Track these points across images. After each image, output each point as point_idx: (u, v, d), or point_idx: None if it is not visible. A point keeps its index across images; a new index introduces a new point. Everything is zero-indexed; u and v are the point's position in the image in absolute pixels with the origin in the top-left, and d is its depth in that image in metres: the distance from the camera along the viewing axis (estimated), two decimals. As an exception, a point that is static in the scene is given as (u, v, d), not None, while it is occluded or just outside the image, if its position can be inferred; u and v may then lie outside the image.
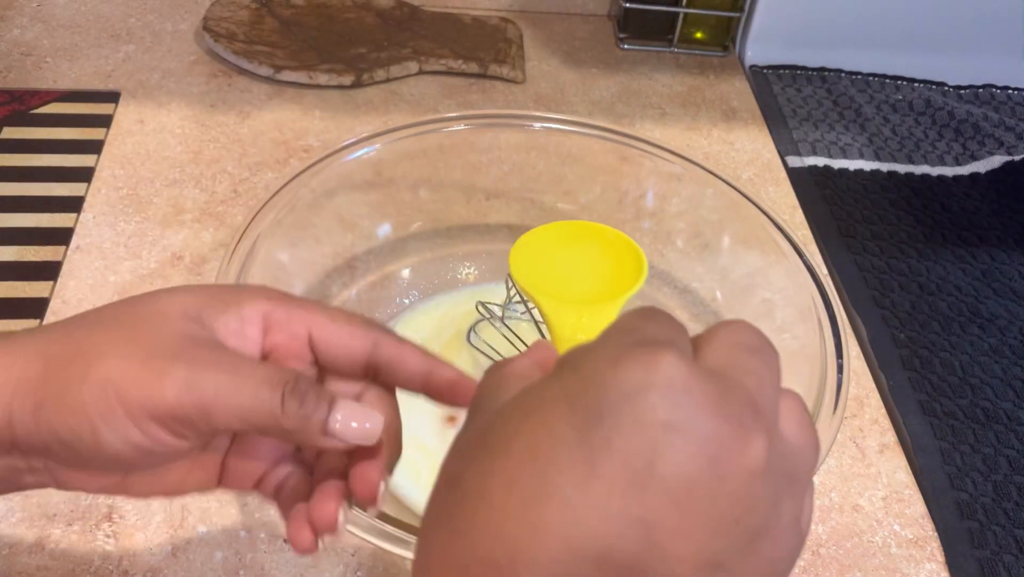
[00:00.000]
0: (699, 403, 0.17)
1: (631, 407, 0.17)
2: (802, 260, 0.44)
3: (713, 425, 0.17)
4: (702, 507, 0.17)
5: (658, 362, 0.18)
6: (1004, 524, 0.44)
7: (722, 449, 0.17)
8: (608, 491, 0.17)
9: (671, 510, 0.17)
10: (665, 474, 0.17)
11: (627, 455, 0.17)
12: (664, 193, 0.51)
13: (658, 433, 0.17)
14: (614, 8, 0.80)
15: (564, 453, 0.17)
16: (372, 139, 0.48)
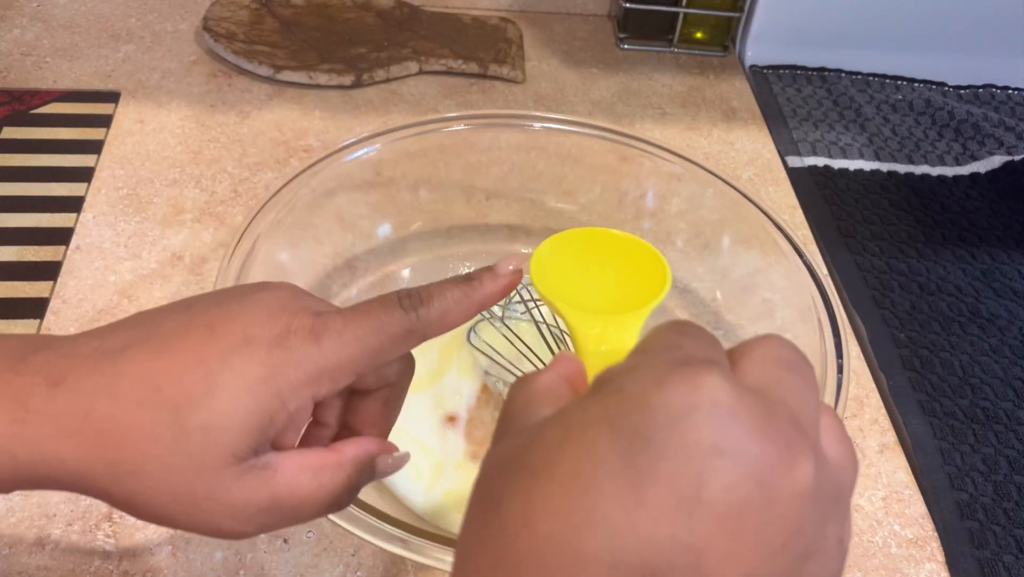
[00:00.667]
0: (745, 425, 0.17)
1: (677, 431, 0.17)
2: (802, 260, 0.44)
3: (760, 448, 0.17)
4: (751, 532, 0.16)
5: (703, 383, 0.17)
6: (1004, 524, 0.44)
7: (770, 472, 0.17)
8: (655, 518, 0.16)
9: (720, 536, 0.16)
10: (713, 499, 0.16)
11: (674, 480, 0.16)
12: (664, 193, 0.51)
13: (705, 457, 0.17)
14: (614, 8, 0.80)
15: (609, 479, 0.17)
16: (372, 139, 0.48)
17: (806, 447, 0.17)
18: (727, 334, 0.48)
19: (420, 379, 0.46)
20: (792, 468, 0.17)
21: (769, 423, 0.17)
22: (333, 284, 0.48)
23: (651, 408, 0.17)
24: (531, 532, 0.17)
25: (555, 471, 0.17)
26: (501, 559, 0.17)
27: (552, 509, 0.17)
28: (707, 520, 0.16)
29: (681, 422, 0.17)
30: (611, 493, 0.17)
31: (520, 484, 0.18)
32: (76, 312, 0.49)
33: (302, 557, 0.40)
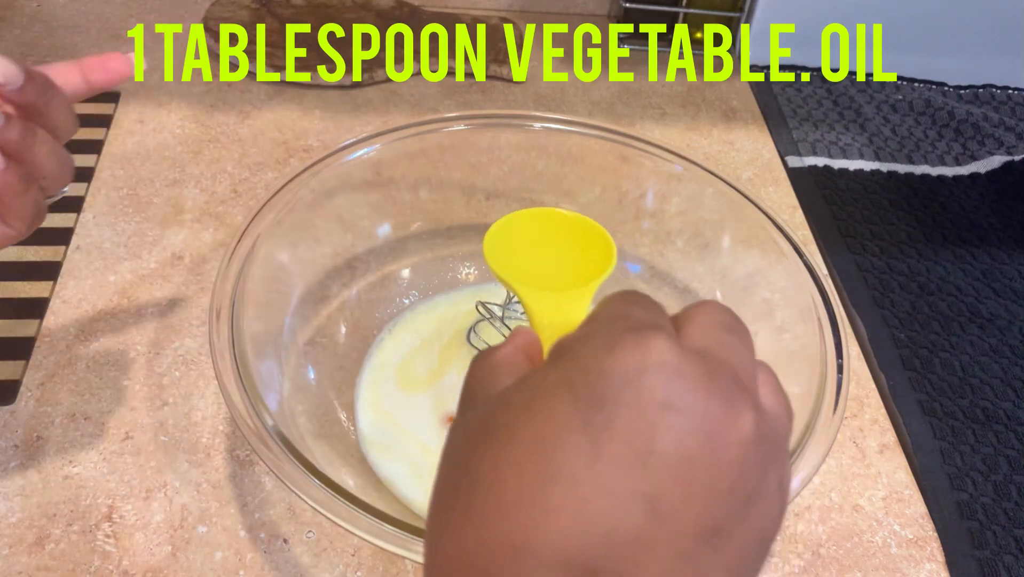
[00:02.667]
0: (691, 383, 0.19)
1: (630, 390, 0.18)
2: (802, 260, 0.44)
3: (705, 402, 0.18)
4: (700, 479, 0.18)
5: (651, 347, 0.19)
6: (1004, 524, 0.44)
7: (715, 424, 0.18)
8: (614, 469, 0.18)
9: (673, 484, 0.18)
10: (665, 451, 0.18)
11: (629, 435, 0.18)
12: (664, 193, 0.51)
13: (656, 413, 0.18)
14: (614, 8, 0.80)
15: (569, 437, 0.18)
16: (372, 139, 0.48)
17: (746, 400, 0.19)
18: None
19: (420, 379, 0.46)
20: (735, 420, 0.19)
21: (712, 380, 0.19)
22: (333, 284, 0.48)
23: (605, 371, 0.19)
24: (500, 490, 0.18)
25: (520, 434, 0.19)
26: (472, 517, 0.19)
27: (519, 468, 0.18)
28: (660, 469, 0.18)
29: (633, 382, 0.18)
30: (572, 450, 0.18)
31: (487, 449, 0.19)
32: (76, 312, 0.49)
33: (302, 557, 0.40)
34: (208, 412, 0.45)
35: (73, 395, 0.45)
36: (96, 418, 0.44)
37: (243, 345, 0.38)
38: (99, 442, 0.43)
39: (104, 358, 0.47)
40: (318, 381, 0.44)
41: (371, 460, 0.42)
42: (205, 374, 0.46)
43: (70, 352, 0.47)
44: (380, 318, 0.49)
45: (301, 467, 0.33)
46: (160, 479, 0.42)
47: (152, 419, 0.44)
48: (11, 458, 0.42)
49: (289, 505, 0.41)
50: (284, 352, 0.43)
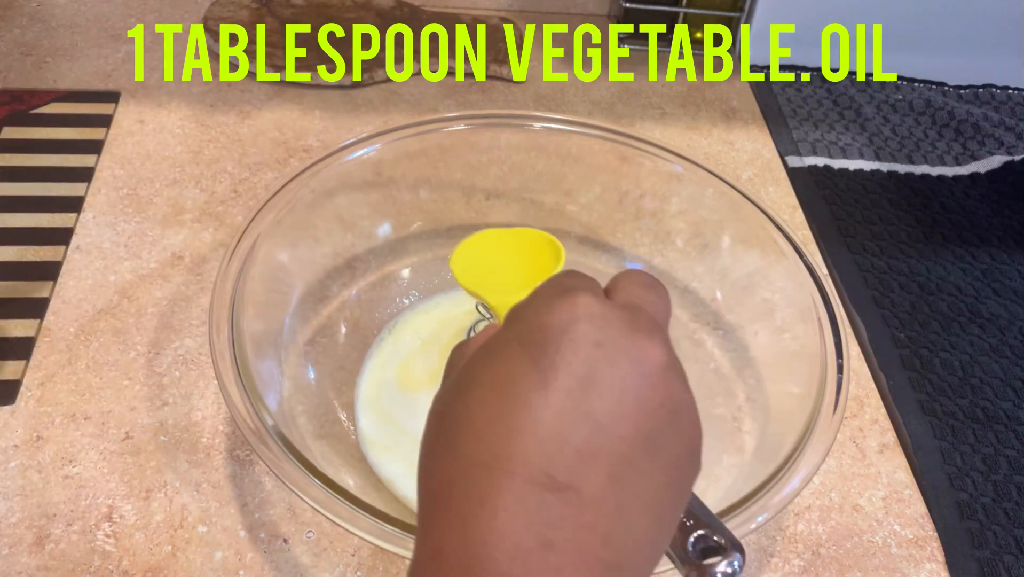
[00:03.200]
0: (615, 325, 0.23)
1: (566, 337, 0.23)
2: (802, 260, 0.44)
3: (629, 339, 0.23)
4: (632, 398, 0.22)
5: (579, 302, 0.24)
6: (1004, 524, 0.44)
7: (638, 354, 0.23)
8: (561, 397, 0.22)
9: (611, 403, 0.22)
10: (602, 378, 0.22)
11: (571, 369, 0.22)
12: (664, 193, 0.51)
13: (590, 350, 0.23)
14: (614, 8, 0.80)
15: (523, 377, 0.22)
16: (372, 139, 0.48)
17: (661, 336, 0.24)
18: (727, 334, 0.48)
19: (420, 379, 0.46)
20: (653, 350, 0.23)
21: (632, 322, 0.24)
22: (333, 284, 0.48)
23: (545, 325, 0.23)
24: (472, 424, 0.23)
25: (484, 381, 0.23)
26: (452, 448, 0.23)
27: (485, 405, 0.23)
28: (599, 393, 0.22)
29: (568, 331, 0.23)
30: (526, 385, 0.22)
31: (460, 397, 0.24)
32: (76, 312, 0.49)
33: (302, 557, 0.40)
34: (208, 412, 0.45)
35: (73, 395, 0.45)
36: (96, 418, 0.44)
37: (243, 345, 0.38)
38: (99, 442, 0.43)
39: (104, 358, 0.47)
40: (318, 381, 0.44)
41: (371, 460, 0.42)
42: (205, 374, 0.46)
43: (70, 352, 0.47)
44: (380, 318, 0.49)
45: (301, 467, 0.33)
46: (160, 479, 0.42)
47: (152, 419, 0.44)
48: (11, 458, 0.42)
49: (289, 505, 0.41)
50: (284, 352, 0.43)
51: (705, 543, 0.26)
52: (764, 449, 0.40)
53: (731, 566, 0.25)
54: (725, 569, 0.25)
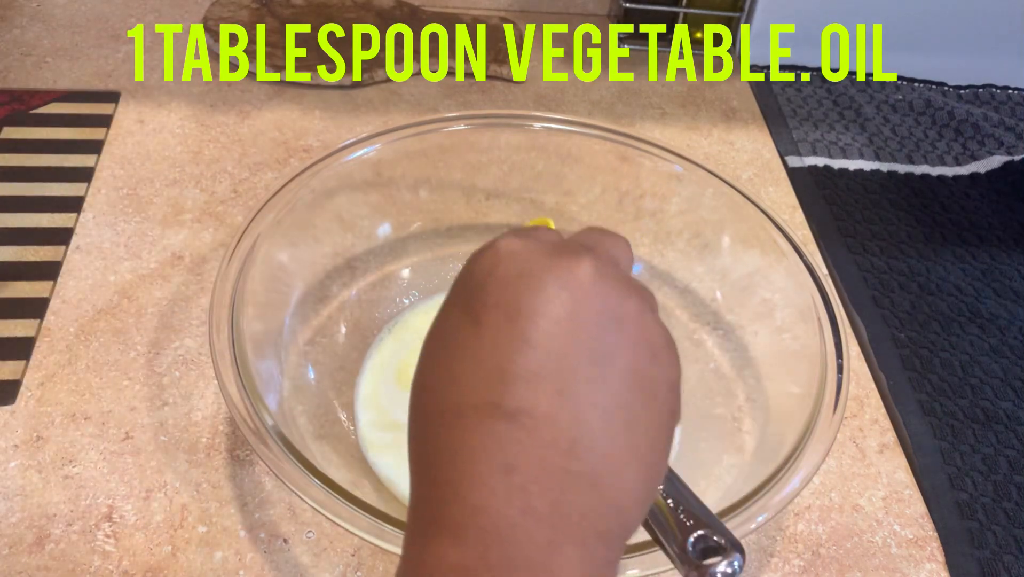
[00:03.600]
0: (538, 255, 0.24)
1: (491, 278, 0.24)
2: (802, 260, 0.44)
3: (552, 262, 0.24)
4: (564, 314, 0.23)
5: (499, 246, 0.25)
6: (1004, 524, 0.44)
7: (564, 273, 0.23)
8: (494, 333, 0.23)
9: (543, 325, 0.23)
10: (530, 305, 0.23)
11: (499, 306, 0.23)
12: (664, 193, 0.51)
13: (515, 283, 0.23)
14: (614, 8, 0.80)
15: (459, 329, 0.24)
16: (372, 139, 0.48)
17: (584, 253, 0.24)
18: (727, 334, 0.48)
19: (420, 379, 0.46)
20: (578, 267, 0.24)
21: (556, 249, 0.24)
22: (333, 284, 0.48)
23: (472, 273, 0.25)
24: (426, 385, 0.24)
25: (431, 347, 0.25)
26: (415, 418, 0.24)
27: (435, 364, 0.25)
28: (531, 317, 0.23)
29: (492, 273, 0.24)
30: (463, 335, 0.24)
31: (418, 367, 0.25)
32: (76, 312, 0.49)
33: (302, 557, 0.40)
34: (208, 412, 0.45)
35: (73, 395, 0.45)
36: (96, 418, 0.44)
37: (243, 345, 0.38)
38: (99, 442, 0.43)
39: (104, 358, 0.47)
40: (318, 381, 0.44)
41: (371, 460, 0.42)
42: (205, 374, 0.46)
43: (70, 352, 0.47)
44: (380, 318, 0.49)
45: (301, 467, 0.33)
46: (160, 479, 0.42)
47: (152, 419, 0.44)
48: (11, 458, 0.42)
49: (289, 505, 0.41)
50: (284, 352, 0.43)
51: (705, 543, 0.26)
52: (764, 449, 0.40)
53: (731, 566, 0.25)
54: (725, 569, 0.25)
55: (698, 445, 0.44)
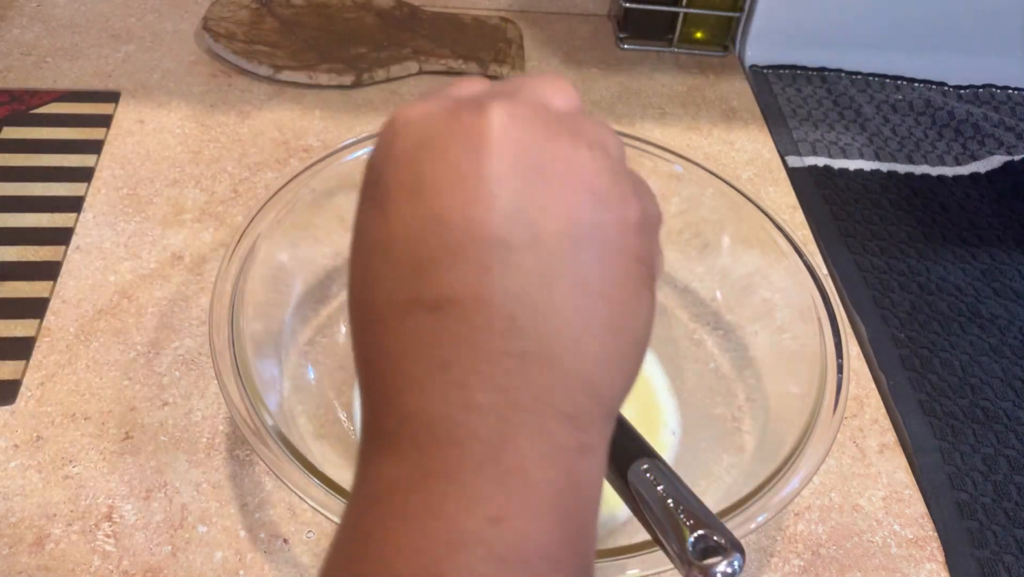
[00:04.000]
0: (438, 118, 0.21)
1: (390, 158, 0.21)
2: (802, 260, 0.44)
3: (452, 122, 0.21)
4: (473, 176, 0.20)
5: (395, 119, 0.22)
6: (1004, 524, 0.44)
7: (466, 131, 0.21)
8: (399, 218, 0.21)
9: (450, 195, 0.20)
10: (432, 176, 0.20)
11: (401, 186, 0.21)
12: (664, 193, 0.51)
13: (414, 156, 0.21)
14: (614, 8, 0.80)
15: (368, 221, 0.22)
16: (372, 139, 0.48)
17: (503, 104, 0.21)
18: (727, 334, 0.48)
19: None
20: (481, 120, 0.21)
21: (459, 107, 0.21)
22: (333, 284, 0.48)
23: (374, 161, 0.22)
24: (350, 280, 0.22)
25: (352, 234, 0.23)
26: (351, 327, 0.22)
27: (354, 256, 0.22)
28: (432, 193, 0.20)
29: (390, 151, 0.22)
30: (372, 227, 0.21)
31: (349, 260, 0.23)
32: (76, 312, 0.49)
33: (302, 557, 0.40)
34: (208, 412, 0.45)
35: (73, 395, 0.45)
36: (96, 418, 0.44)
37: (243, 345, 0.38)
38: (99, 442, 0.43)
39: (104, 358, 0.47)
40: (318, 381, 0.44)
41: (371, 460, 0.42)
42: (205, 374, 0.46)
43: (70, 352, 0.47)
44: (380, 318, 0.49)
45: (301, 467, 0.33)
46: (160, 479, 0.42)
47: (152, 419, 0.44)
48: (11, 458, 0.42)
49: (289, 505, 0.41)
50: (284, 352, 0.43)
51: (705, 543, 0.26)
52: (764, 449, 0.40)
53: (731, 566, 0.25)
54: (725, 569, 0.25)
55: (698, 445, 0.44)
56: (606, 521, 0.41)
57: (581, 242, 0.20)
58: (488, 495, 0.18)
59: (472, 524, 0.17)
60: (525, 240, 0.20)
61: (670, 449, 0.44)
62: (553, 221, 0.20)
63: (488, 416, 0.18)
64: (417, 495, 0.18)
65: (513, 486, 0.18)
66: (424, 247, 0.20)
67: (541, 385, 0.19)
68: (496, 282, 0.19)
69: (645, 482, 0.30)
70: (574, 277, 0.20)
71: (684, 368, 0.48)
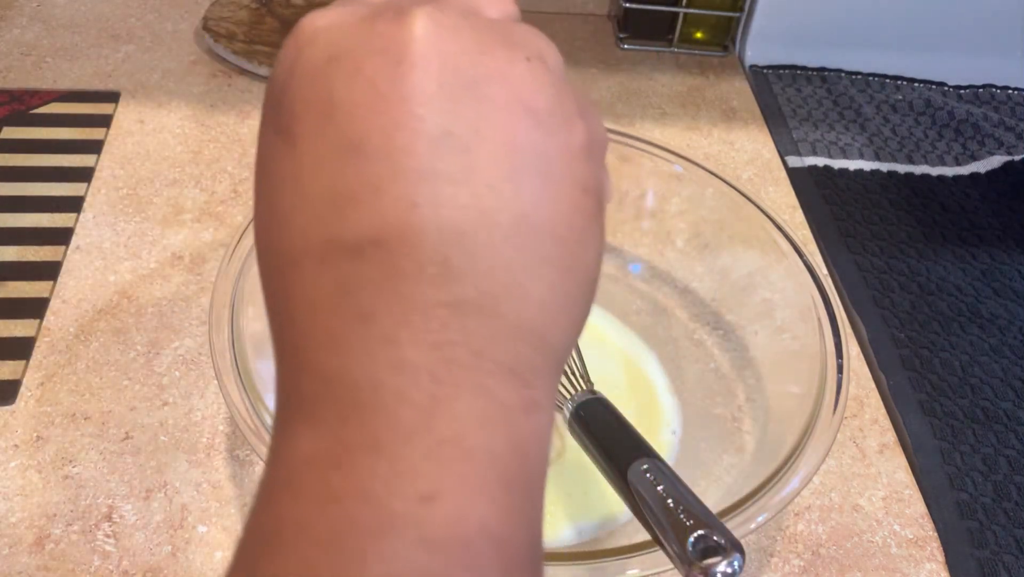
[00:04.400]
0: (353, 28, 0.18)
1: (294, 76, 0.19)
2: (802, 260, 0.44)
3: (369, 33, 0.18)
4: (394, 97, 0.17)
5: (301, 29, 0.19)
6: (1004, 524, 0.44)
7: (384, 43, 0.18)
8: (311, 145, 0.18)
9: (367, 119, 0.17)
10: (345, 96, 0.18)
11: (309, 109, 0.18)
12: (664, 193, 0.51)
13: (324, 71, 0.18)
14: (614, 8, 0.80)
15: (273, 152, 0.19)
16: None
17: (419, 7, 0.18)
18: (727, 334, 0.48)
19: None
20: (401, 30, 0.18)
21: (374, 12, 0.19)
22: (333, 284, 0.48)
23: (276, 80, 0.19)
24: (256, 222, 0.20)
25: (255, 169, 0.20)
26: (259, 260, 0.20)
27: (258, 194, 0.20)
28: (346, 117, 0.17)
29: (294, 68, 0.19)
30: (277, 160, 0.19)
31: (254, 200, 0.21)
32: (76, 312, 0.49)
33: (302, 557, 0.39)
34: (208, 412, 0.45)
35: (73, 395, 0.45)
36: (96, 418, 0.44)
37: (243, 345, 0.38)
38: (99, 442, 0.43)
39: (104, 358, 0.47)
40: (318, 381, 0.44)
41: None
42: (205, 374, 0.46)
43: (70, 352, 0.47)
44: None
45: (301, 467, 0.33)
46: (160, 479, 0.42)
47: (152, 419, 0.44)
48: (11, 458, 0.42)
49: (289, 505, 0.41)
50: (284, 352, 0.43)
51: (705, 543, 0.26)
52: (764, 449, 0.40)
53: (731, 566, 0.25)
54: (725, 569, 0.25)
55: (698, 445, 0.44)
56: (606, 521, 0.41)
57: (521, 171, 0.18)
58: (420, 470, 0.15)
59: (401, 505, 0.15)
60: (457, 170, 0.17)
61: (670, 449, 0.44)
62: (489, 147, 0.18)
63: (419, 376, 0.16)
64: (338, 473, 0.16)
65: (448, 457, 0.16)
66: (340, 181, 0.17)
67: (480, 338, 0.17)
68: (425, 220, 0.17)
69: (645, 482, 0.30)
70: (514, 211, 0.18)
71: (684, 368, 0.48)
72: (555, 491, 0.41)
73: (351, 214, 0.17)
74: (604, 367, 0.46)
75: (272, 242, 0.19)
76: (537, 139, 0.18)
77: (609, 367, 0.47)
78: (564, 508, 0.41)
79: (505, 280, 0.17)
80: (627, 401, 0.45)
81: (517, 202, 0.18)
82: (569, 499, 0.41)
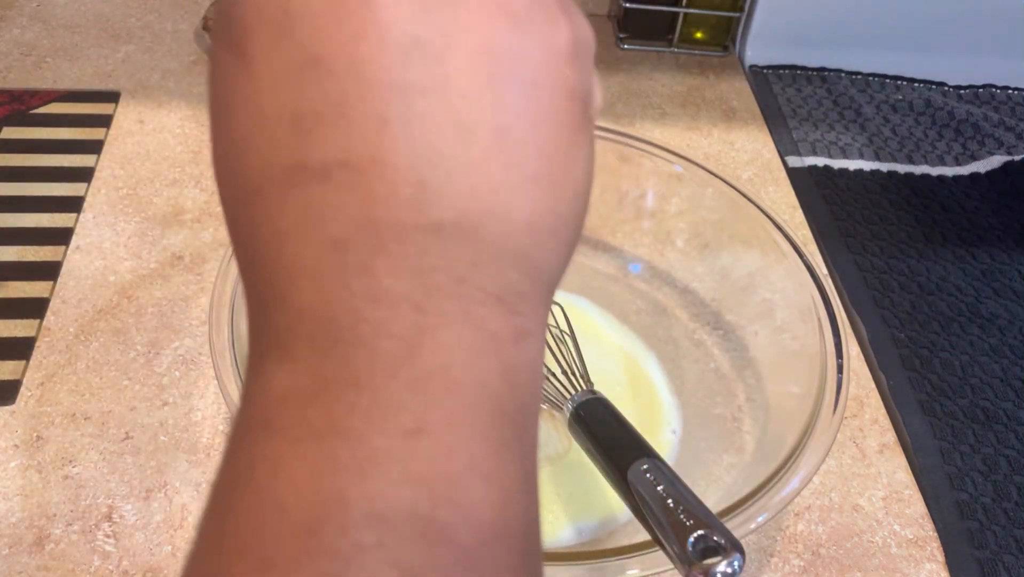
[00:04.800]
0: None
1: None
2: (802, 260, 0.44)
3: None
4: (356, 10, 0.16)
5: None
6: (1004, 524, 0.44)
7: None
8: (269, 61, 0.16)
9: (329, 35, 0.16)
10: (304, 9, 0.16)
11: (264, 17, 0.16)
12: (664, 193, 0.51)
13: None
14: (614, 8, 0.80)
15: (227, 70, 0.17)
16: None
17: None
18: (727, 334, 0.48)
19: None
20: None
21: None
22: (333, 284, 0.48)
23: None
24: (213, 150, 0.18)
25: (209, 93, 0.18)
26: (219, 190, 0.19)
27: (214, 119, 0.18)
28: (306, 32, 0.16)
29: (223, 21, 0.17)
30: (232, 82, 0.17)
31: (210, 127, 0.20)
32: (76, 312, 0.49)
33: (302, 557, 0.39)
34: (208, 412, 0.45)
35: (73, 395, 0.45)
36: (96, 418, 0.44)
37: (243, 345, 0.38)
38: (99, 442, 0.43)
39: (104, 358, 0.47)
40: (318, 381, 0.44)
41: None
42: (205, 374, 0.46)
43: (70, 352, 0.47)
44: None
45: (301, 467, 0.33)
46: (160, 479, 0.42)
47: (152, 419, 0.44)
48: (11, 458, 0.42)
49: (289, 505, 0.41)
50: (284, 352, 0.43)
51: (705, 543, 0.26)
52: (764, 449, 0.40)
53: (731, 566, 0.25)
54: (725, 569, 0.25)
55: (698, 445, 0.44)
56: (606, 521, 0.41)
57: (500, 78, 0.16)
58: (404, 404, 0.15)
59: (384, 441, 0.14)
60: (429, 81, 0.16)
61: (670, 449, 0.44)
62: (463, 54, 0.16)
63: (400, 307, 0.15)
64: (315, 409, 0.15)
65: (434, 390, 0.15)
66: (300, 99, 0.16)
67: (463, 263, 0.16)
68: (397, 138, 0.16)
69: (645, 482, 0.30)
70: (494, 124, 0.16)
71: (684, 368, 0.48)
72: (555, 491, 0.41)
73: (315, 135, 0.16)
74: (604, 367, 0.46)
75: (231, 170, 0.17)
76: (516, 42, 0.17)
77: (609, 367, 0.47)
78: (564, 508, 0.41)
79: (487, 200, 0.16)
80: (627, 401, 0.46)
81: (496, 114, 0.16)
82: (569, 499, 0.41)
